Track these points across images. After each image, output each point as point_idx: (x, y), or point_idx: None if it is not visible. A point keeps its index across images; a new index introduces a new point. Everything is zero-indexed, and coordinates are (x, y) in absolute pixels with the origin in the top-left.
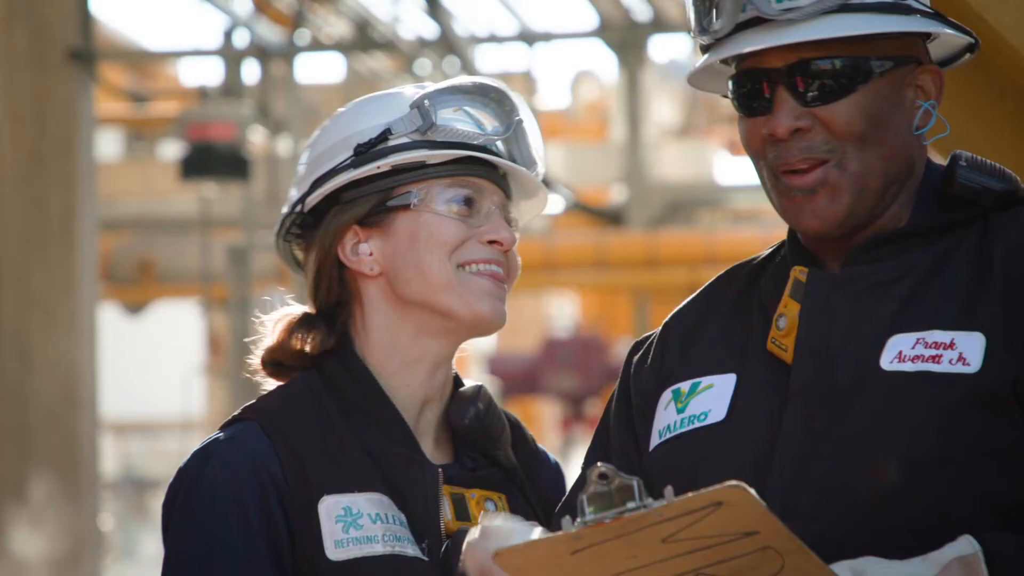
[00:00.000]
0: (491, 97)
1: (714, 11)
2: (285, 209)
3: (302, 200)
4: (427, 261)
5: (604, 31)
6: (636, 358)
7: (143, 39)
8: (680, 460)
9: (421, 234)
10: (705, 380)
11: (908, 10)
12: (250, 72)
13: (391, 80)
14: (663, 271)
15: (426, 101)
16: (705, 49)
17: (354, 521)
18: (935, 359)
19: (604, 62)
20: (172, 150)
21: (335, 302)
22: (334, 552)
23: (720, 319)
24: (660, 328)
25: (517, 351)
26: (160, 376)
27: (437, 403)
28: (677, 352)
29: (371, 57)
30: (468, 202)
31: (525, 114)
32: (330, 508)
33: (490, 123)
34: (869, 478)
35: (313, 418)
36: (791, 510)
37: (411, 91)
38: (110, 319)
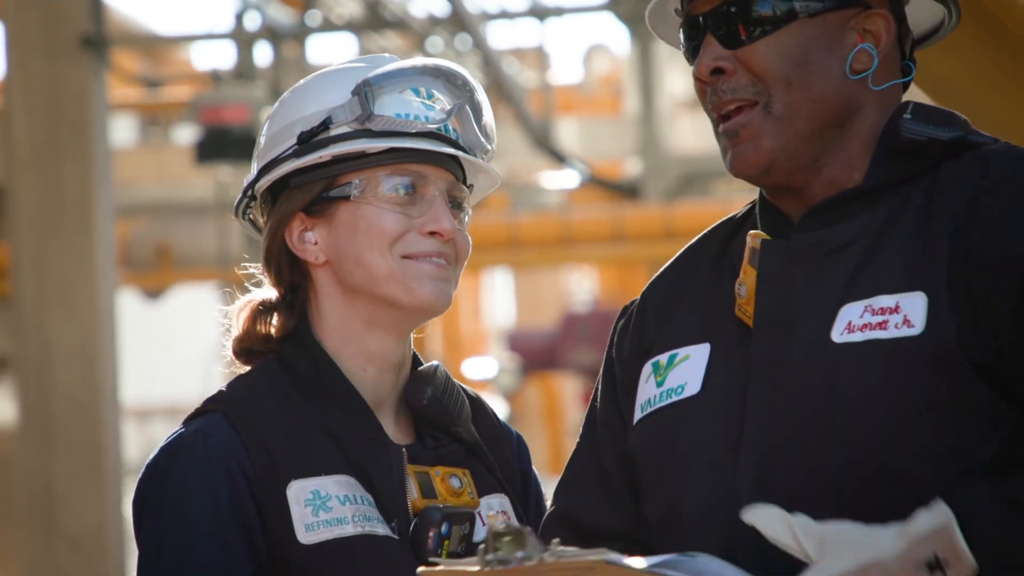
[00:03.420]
0: (438, 78)
1: None
2: (244, 184)
3: (252, 185)
4: (367, 254)
5: (615, 4)
6: (619, 326)
7: (154, 24)
8: (658, 435)
9: (360, 226)
10: (682, 351)
11: None
12: (262, 54)
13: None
14: (681, 243)
15: (365, 89)
16: None
17: (323, 504)
18: (881, 325)
19: (616, 35)
20: (186, 134)
21: (290, 285)
22: (305, 536)
23: (696, 284)
24: (639, 297)
25: (536, 327)
26: (180, 360)
27: (397, 386)
28: (655, 322)
29: (383, 36)
30: (410, 189)
31: (470, 96)
32: (298, 493)
33: (438, 104)
34: (834, 456)
35: (276, 404)
36: (763, 488)
37: (361, 69)
38: (129, 305)
